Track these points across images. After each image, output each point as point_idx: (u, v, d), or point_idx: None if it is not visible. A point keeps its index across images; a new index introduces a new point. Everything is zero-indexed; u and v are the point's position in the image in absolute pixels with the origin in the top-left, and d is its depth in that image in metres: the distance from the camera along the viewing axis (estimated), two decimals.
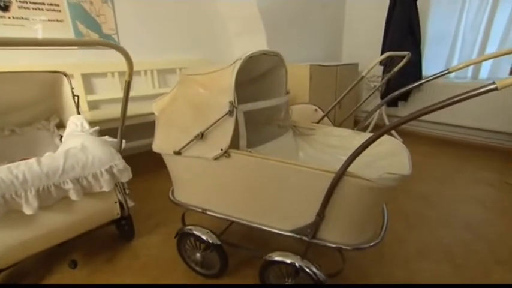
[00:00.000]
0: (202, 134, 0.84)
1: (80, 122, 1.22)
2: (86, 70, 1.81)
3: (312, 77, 2.19)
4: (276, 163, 0.79)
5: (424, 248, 1.14)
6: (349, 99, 2.62)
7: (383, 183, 0.69)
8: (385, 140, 0.95)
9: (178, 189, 1.05)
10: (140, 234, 1.28)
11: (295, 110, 1.91)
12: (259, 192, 0.85)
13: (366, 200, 0.73)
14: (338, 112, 2.52)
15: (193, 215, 1.34)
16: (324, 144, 1.11)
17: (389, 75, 1.44)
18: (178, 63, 2.12)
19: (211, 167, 0.89)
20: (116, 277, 1.05)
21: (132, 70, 0.84)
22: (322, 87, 2.34)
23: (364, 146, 0.64)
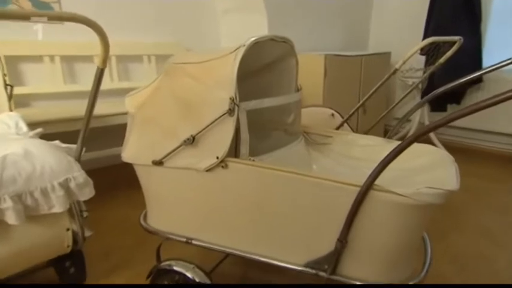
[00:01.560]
0: (194, 137, 0.96)
1: (15, 121, 1.32)
2: (11, 51, 1.81)
3: (327, 71, 2.39)
4: (287, 175, 0.91)
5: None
6: (377, 102, 2.83)
7: (421, 199, 0.80)
8: (426, 151, 1.10)
9: (155, 212, 1.16)
10: (93, 278, 1.36)
11: (306, 114, 2.08)
12: (264, 214, 0.97)
13: (400, 222, 0.86)
14: (362, 118, 2.71)
15: (172, 248, 1.43)
16: (343, 155, 1.25)
17: (432, 68, 1.62)
18: (144, 48, 2.28)
19: (202, 181, 1.01)
20: None
21: (107, 54, 0.98)
22: (341, 85, 2.53)
23: (398, 151, 0.79)
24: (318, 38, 2.82)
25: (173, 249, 1.44)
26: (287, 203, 0.94)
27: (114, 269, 1.44)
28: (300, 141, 1.25)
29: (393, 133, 1.37)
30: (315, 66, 2.38)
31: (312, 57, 2.38)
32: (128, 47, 2.21)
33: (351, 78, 2.61)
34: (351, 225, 0.87)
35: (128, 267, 1.45)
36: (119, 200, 1.98)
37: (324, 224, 0.92)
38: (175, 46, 2.38)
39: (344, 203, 0.86)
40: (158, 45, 2.33)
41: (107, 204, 1.94)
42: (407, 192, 0.80)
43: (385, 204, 0.84)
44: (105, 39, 0.96)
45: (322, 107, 2.23)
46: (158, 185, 1.10)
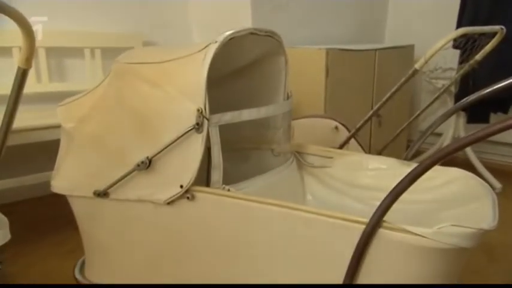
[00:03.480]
0: (150, 160, 1.01)
1: None
2: None
3: (330, 71, 2.46)
4: (271, 208, 0.96)
5: None
6: (397, 111, 2.91)
7: (445, 240, 0.84)
8: (458, 177, 1.16)
9: (97, 261, 1.18)
10: None
11: (301, 128, 2.14)
12: (241, 260, 1.02)
13: (418, 272, 0.90)
14: (377, 132, 2.78)
15: None
16: (347, 183, 1.31)
17: (466, 67, 1.71)
18: (85, 38, 2.32)
19: (161, 217, 1.05)
20: None
21: (33, 50, 1.01)
22: (349, 89, 2.61)
23: (412, 178, 0.85)
24: (319, 27, 2.91)
25: None
26: (272, 246, 0.99)
27: None
28: (291, 164, 1.31)
29: (414, 151, 1.44)
30: (314, 64, 2.45)
31: (311, 53, 2.46)
32: (62, 36, 2.25)
33: (361, 80, 2.69)
34: (355, 273, 0.92)
35: None
36: (46, 246, 1.98)
37: (321, 273, 0.96)
38: (130, 38, 2.43)
39: (345, 245, 0.91)
40: (106, 35, 2.37)
41: (30, 251, 1.94)
42: (427, 232, 0.85)
43: (398, 248, 0.89)
44: (29, 33, 0.98)
45: (323, 117, 2.30)
46: (102, 224, 1.14)
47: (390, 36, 3.38)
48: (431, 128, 1.40)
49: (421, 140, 1.43)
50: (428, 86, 3.09)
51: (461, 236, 0.85)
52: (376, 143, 2.75)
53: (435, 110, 3.00)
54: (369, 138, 2.83)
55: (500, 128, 0.76)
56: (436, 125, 1.38)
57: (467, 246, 0.86)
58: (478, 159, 2.79)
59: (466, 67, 1.70)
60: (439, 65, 2.75)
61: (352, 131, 1.83)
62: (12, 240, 1.46)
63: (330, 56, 2.41)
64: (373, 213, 0.88)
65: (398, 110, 2.97)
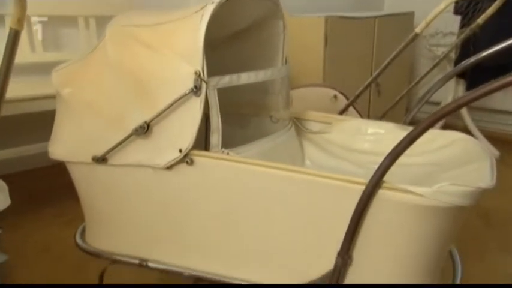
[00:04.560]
0: (148, 125, 1.00)
1: None
2: None
3: (329, 39, 2.44)
4: (270, 171, 0.96)
5: None
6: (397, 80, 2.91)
7: (444, 199, 0.85)
8: (457, 139, 1.16)
9: (97, 227, 1.19)
10: None
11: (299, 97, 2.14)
12: (240, 223, 1.02)
13: (417, 231, 0.91)
14: (376, 102, 2.79)
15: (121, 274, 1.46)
16: (345, 147, 1.31)
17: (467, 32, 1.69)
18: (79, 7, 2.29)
19: (160, 182, 1.05)
20: None
21: (25, 11, 0.97)
22: (348, 57, 2.60)
23: (410, 140, 0.85)
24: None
25: (122, 276, 1.47)
26: (272, 209, 0.99)
27: None
28: (289, 130, 1.30)
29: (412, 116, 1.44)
30: (313, 33, 2.43)
31: (309, 21, 2.44)
32: (56, 4, 2.23)
33: (360, 48, 2.67)
34: (354, 235, 0.93)
35: None
36: (45, 215, 2.00)
37: (320, 234, 0.97)
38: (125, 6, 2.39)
39: (345, 207, 0.91)
40: (100, 3, 2.34)
41: (30, 222, 1.95)
42: (426, 191, 0.86)
43: (398, 207, 0.90)
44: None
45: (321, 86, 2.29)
46: (101, 190, 1.14)
47: (390, 3, 3.34)
48: (430, 91, 1.39)
49: (420, 104, 1.43)
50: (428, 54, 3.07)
51: (460, 195, 0.86)
52: (375, 112, 2.74)
53: (435, 78, 2.99)
54: (367, 108, 2.83)
55: (501, 85, 0.76)
56: (436, 88, 1.37)
57: (465, 205, 0.87)
58: (476, 128, 2.80)
59: (467, 31, 1.68)
60: (439, 29, 2.72)
61: (351, 98, 1.83)
62: (11, 211, 1.47)
63: (328, 24, 2.39)
64: (373, 174, 0.88)
65: (398, 79, 2.96)
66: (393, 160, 0.87)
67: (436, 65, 1.82)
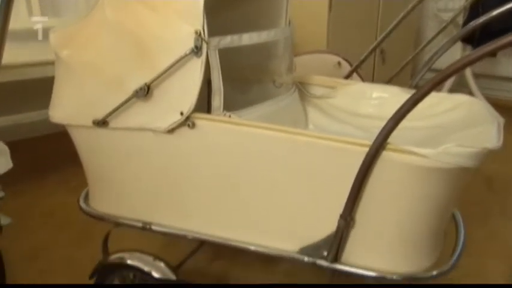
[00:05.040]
0: (149, 86, 0.98)
1: None
2: None
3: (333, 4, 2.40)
4: (273, 134, 0.95)
5: None
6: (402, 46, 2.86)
7: (449, 160, 0.84)
8: (462, 102, 1.15)
9: (99, 190, 1.19)
10: None
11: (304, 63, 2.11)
12: (244, 186, 1.02)
13: (421, 193, 0.90)
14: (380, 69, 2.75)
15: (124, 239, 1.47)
16: (351, 112, 1.29)
17: None
18: None
19: (161, 145, 1.04)
20: None
21: None
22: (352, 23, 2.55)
23: (414, 101, 0.83)
24: None
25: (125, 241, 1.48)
26: (274, 172, 0.98)
27: (44, 272, 1.50)
28: (292, 94, 1.29)
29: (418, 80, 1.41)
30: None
31: None
32: None
33: (365, 15, 2.62)
34: (357, 197, 0.92)
35: (64, 269, 1.51)
36: (50, 182, 2.01)
37: (322, 197, 0.97)
38: None
39: (348, 170, 0.90)
40: None
41: (34, 189, 1.97)
42: (431, 153, 0.85)
43: (402, 169, 0.89)
44: None
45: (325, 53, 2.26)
46: (103, 154, 1.13)
47: None
48: (436, 54, 1.36)
49: (426, 68, 1.40)
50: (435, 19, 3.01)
51: (465, 156, 0.84)
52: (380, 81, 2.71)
53: (441, 45, 2.94)
54: (372, 76, 2.79)
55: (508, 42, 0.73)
56: (442, 51, 1.35)
57: (470, 166, 0.86)
58: (482, 95, 2.77)
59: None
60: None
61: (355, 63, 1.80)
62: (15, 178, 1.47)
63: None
64: (377, 135, 0.87)
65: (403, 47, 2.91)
66: (398, 121, 0.85)
67: (443, 30, 1.78)
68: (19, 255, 1.54)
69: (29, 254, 1.57)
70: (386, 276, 0.97)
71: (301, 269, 1.43)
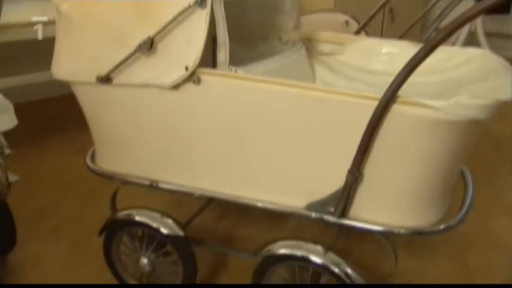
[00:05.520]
0: (152, 40, 0.96)
1: None
2: None
3: None
4: (280, 89, 0.93)
5: None
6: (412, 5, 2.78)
7: (461, 113, 0.81)
8: (475, 56, 1.11)
9: (105, 149, 1.19)
10: (24, 242, 1.42)
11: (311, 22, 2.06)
12: (251, 142, 1.00)
13: (431, 146, 0.88)
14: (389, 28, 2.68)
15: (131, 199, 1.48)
16: (358, 68, 1.26)
17: None
18: None
19: (167, 101, 1.02)
20: None
21: None
22: None
23: (431, 47, 0.78)
24: None
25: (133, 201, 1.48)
26: (281, 127, 0.97)
27: (52, 230, 1.52)
28: (299, 50, 1.26)
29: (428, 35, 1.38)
30: None
31: None
32: None
33: None
34: (365, 152, 0.91)
35: (72, 228, 1.53)
36: (56, 144, 2.01)
37: (330, 152, 0.95)
38: None
39: (357, 124, 0.88)
40: None
41: (42, 150, 1.97)
42: (443, 105, 0.82)
43: (412, 122, 0.87)
44: None
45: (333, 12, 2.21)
46: (108, 112, 1.12)
47: None
48: (447, 9, 1.32)
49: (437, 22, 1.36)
50: None
51: (477, 108, 0.82)
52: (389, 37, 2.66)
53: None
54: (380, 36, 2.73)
55: None
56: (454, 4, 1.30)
57: (482, 119, 0.84)
58: None
59: None
60: None
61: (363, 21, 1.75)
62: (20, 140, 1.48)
63: None
64: (387, 88, 0.84)
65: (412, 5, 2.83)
66: (409, 72, 0.83)
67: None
68: (29, 215, 1.56)
69: (39, 214, 1.59)
70: (394, 230, 0.97)
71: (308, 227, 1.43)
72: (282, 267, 1.07)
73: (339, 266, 0.99)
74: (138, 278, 1.23)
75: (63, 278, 1.33)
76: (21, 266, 1.38)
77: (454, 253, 1.38)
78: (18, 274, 1.36)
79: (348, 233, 1.30)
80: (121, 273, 1.23)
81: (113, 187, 1.27)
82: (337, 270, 0.99)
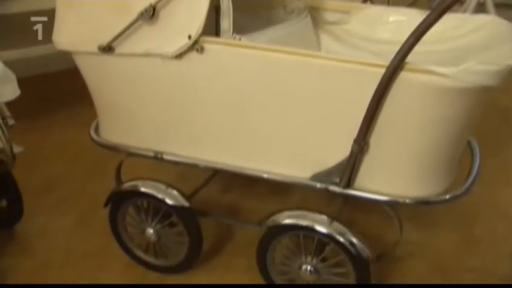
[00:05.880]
0: (154, 8, 0.93)
1: None
2: None
3: None
4: (285, 57, 0.91)
5: None
6: None
7: (469, 79, 0.79)
8: (486, 22, 1.08)
9: (109, 120, 1.17)
10: (31, 214, 1.43)
11: None
12: (256, 112, 0.99)
13: (439, 114, 0.86)
14: None
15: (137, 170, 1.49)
16: (366, 38, 1.23)
17: None
18: None
19: (170, 71, 1.00)
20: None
21: None
22: None
23: (440, 11, 0.76)
24: None
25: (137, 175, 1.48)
26: (285, 97, 0.95)
27: (58, 203, 1.52)
28: (304, 19, 1.23)
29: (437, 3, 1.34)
30: None
31: None
32: None
33: None
34: (371, 121, 0.89)
35: (77, 201, 1.53)
36: (60, 118, 2.00)
37: (336, 122, 0.94)
38: None
39: (363, 93, 0.87)
40: None
41: (46, 124, 1.97)
42: (451, 71, 0.80)
43: (420, 90, 0.85)
44: None
45: None
46: (111, 83, 1.10)
47: None
48: None
49: None
50: None
51: (486, 74, 0.80)
52: None
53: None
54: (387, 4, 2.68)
55: None
56: None
57: (492, 85, 0.82)
58: None
59: None
60: None
61: None
62: (25, 114, 1.47)
63: None
64: (395, 54, 0.82)
65: None
66: (418, 38, 0.81)
67: None
68: (34, 188, 1.56)
69: (44, 187, 1.60)
70: (399, 200, 0.97)
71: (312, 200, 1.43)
72: (287, 237, 1.07)
73: (344, 235, 0.99)
74: (145, 248, 1.24)
75: (70, 250, 1.34)
76: (28, 238, 1.40)
77: (459, 224, 1.38)
78: (26, 246, 1.37)
79: (352, 206, 1.29)
80: (127, 244, 1.24)
81: (117, 161, 1.27)
82: (343, 240, 0.99)
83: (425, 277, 1.21)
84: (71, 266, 1.29)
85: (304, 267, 1.06)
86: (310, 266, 1.05)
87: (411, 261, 1.26)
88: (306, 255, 1.06)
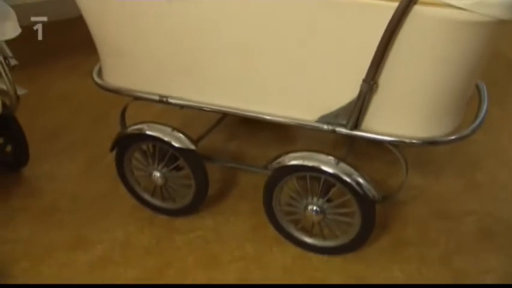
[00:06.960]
0: None
1: None
2: None
3: None
4: None
5: None
6: None
7: (485, 12, 0.76)
8: None
9: (112, 63, 1.15)
10: (37, 160, 1.44)
11: None
12: (260, 54, 0.97)
13: (450, 52, 0.84)
14: None
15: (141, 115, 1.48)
16: None
17: None
18: None
19: (173, 12, 0.97)
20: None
21: None
22: None
23: None
24: None
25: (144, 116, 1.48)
26: (291, 36, 0.93)
27: (64, 150, 1.52)
28: None
29: None
30: None
31: None
32: None
33: None
34: (382, 59, 0.87)
35: (83, 147, 1.53)
36: (61, 68, 1.97)
37: (344, 61, 0.92)
38: None
39: (373, 30, 0.84)
40: None
41: (49, 72, 1.94)
42: (467, 3, 0.77)
43: (434, 25, 0.82)
44: None
45: None
46: (113, 24, 1.07)
47: None
48: None
49: None
50: None
51: (504, 6, 0.77)
52: None
53: None
54: None
55: None
56: None
57: (508, 18, 0.79)
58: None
59: None
60: None
61: None
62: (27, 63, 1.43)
63: None
64: None
65: None
66: None
67: None
68: (40, 134, 1.56)
69: (50, 133, 1.59)
70: (405, 140, 0.96)
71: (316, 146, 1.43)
72: (293, 179, 1.07)
73: (351, 175, 0.99)
74: (152, 191, 1.24)
75: (77, 194, 1.36)
76: (36, 182, 1.41)
77: (461, 170, 1.38)
78: (34, 189, 1.38)
79: (357, 152, 1.29)
80: (134, 187, 1.24)
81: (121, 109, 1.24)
82: (349, 180, 0.98)
83: (427, 220, 1.23)
84: (79, 210, 1.30)
85: (310, 208, 1.07)
86: (316, 206, 1.06)
87: (414, 205, 1.26)
88: (312, 196, 1.07)
